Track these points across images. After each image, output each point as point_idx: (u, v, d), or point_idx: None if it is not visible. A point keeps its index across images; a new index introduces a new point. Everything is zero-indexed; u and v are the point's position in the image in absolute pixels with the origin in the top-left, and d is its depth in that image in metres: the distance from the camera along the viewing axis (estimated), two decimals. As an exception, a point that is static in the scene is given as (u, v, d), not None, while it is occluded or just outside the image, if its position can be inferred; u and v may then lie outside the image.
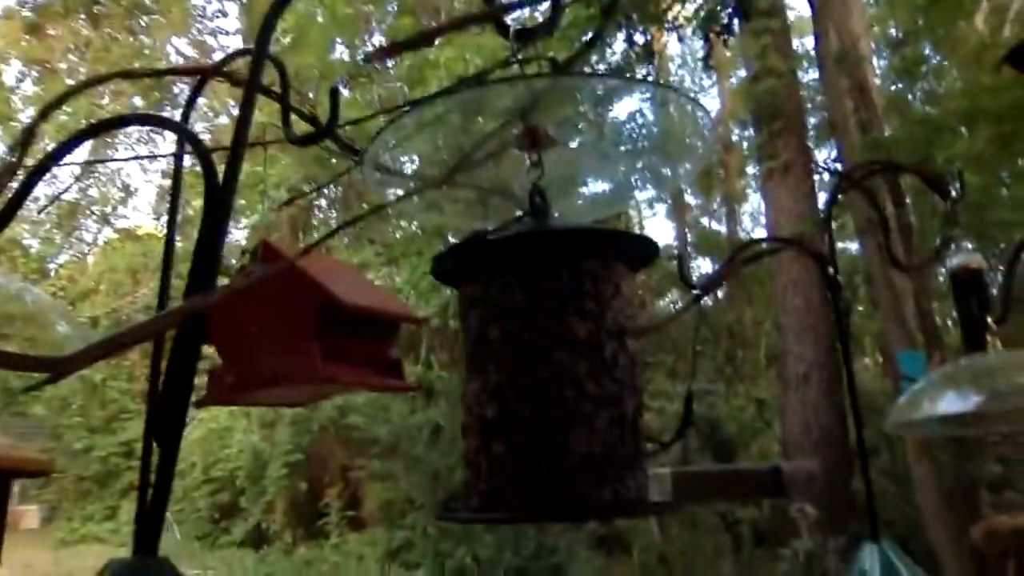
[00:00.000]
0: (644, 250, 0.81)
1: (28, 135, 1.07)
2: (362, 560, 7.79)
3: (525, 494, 0.69)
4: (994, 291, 1.51)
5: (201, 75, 1.47)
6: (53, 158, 1.03)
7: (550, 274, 0.74)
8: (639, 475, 0.73)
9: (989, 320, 1.14)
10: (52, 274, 12.19)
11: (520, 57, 0.92)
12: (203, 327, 0.92)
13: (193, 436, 8.80)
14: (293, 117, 1.27)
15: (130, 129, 12.02)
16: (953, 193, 1.65)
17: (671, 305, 10.69)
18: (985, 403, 1.02)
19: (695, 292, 1.61)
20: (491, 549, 6.75)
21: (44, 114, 1.09)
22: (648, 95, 0.89)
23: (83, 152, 12.16)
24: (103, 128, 1.07)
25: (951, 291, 1.57)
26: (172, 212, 1.46)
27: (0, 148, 12.47)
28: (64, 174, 12.22)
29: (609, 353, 0.74)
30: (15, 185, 0.99)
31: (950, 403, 1.04)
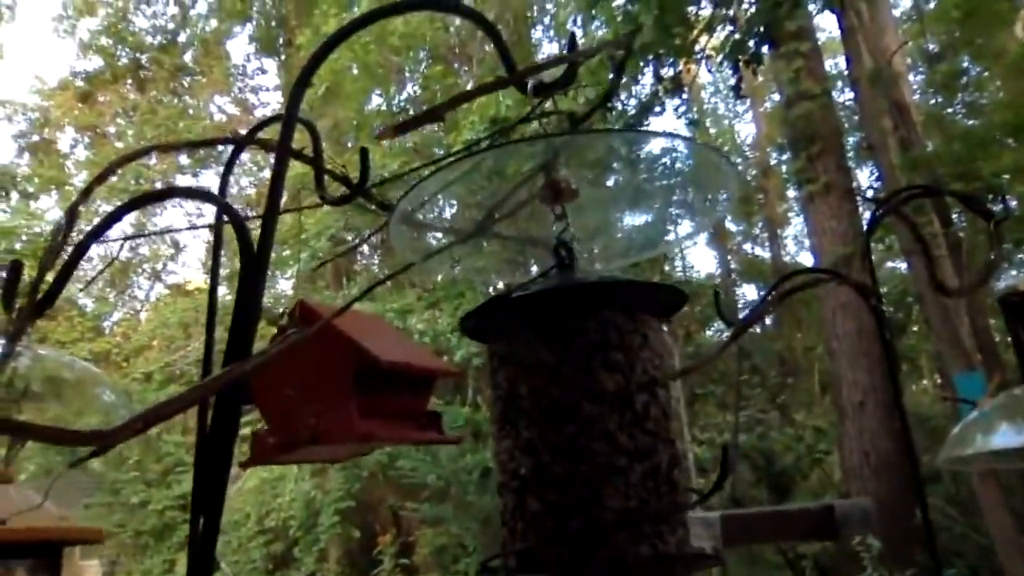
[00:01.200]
0: (671, 299, 0.80)
1: (74, 209, 1.12)
2: (417, 606, 7.72)
3: (559, 553, 0.69)
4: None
5: (235, 144, 1.52)
6: (102, 228, 1.07)
7: (574, 328, 0.74)
8: (678, 528, 0.72)
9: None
10: (107, 332, 12.55)
11: (539, 112, 0.93)
12: (243, 392, 0.94)
13: (247, 486, 8.90)
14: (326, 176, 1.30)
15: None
16: (996, 212, 1.62)
17: (718, 334, 10.52)
18: (1041, 436, 0.99)
19: (736, 327, 1.59)
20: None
21: (87, 192, 1.14)
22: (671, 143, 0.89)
23: (132, 215, 12.57)
24: (147, 201, 1.11)
25: (1003, 315, 1.53)
26: (213, 278, 1.50)
27: (56, 214, 12.96)
28: (115, 234, 12.61)
29: (640, 405, 0.73)
30: (68, 249, 1.03)
31: (1005, 437, 1.01)
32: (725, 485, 0.77)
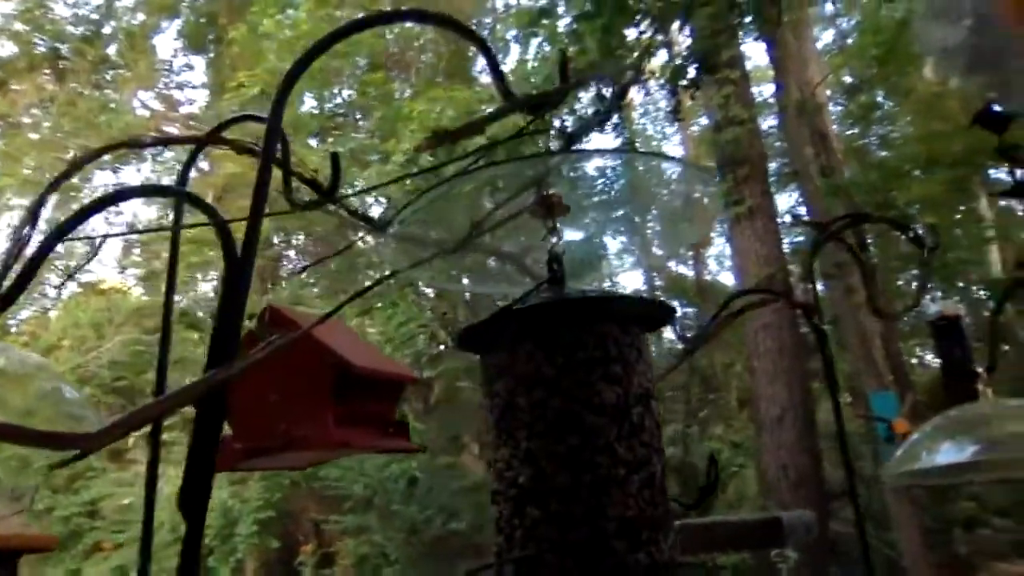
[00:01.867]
0: (660, 313, 0.83)
1: (38, 206, 1.08)
2: (336, 619, 7.58)
3: (562, 561, 0.71)
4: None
5: (197, 143, 1.50)
6: (71, 225, 1.04)
7: (575, 341, 0.76)
8: (670, 535, 0.75)
9: (979, 369, 1.18)
10: (13, 330, 11.90)
11: (532, 129, 0.96)
12: (224, 397, 0.92)
13: (163, 493, 8.56)
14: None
15: (96, 183, 11.93)
16: (928, 243, 1.72)
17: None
18: (981, 452, 1.06)
19: (687, 346, 1.64)
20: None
21: (53, 187, 1.10)
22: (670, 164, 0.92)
23: (48, 210, 11.95)
24: (112, 201, 1.08)
25: (932, 338, 1.63)
26: (171, 277, 1.46)
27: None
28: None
29: (636, 416, 0.76)
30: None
31: (948, 454, 1.08)
32: (711, 496, 0.81)
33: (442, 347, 8.98)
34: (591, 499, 0.71)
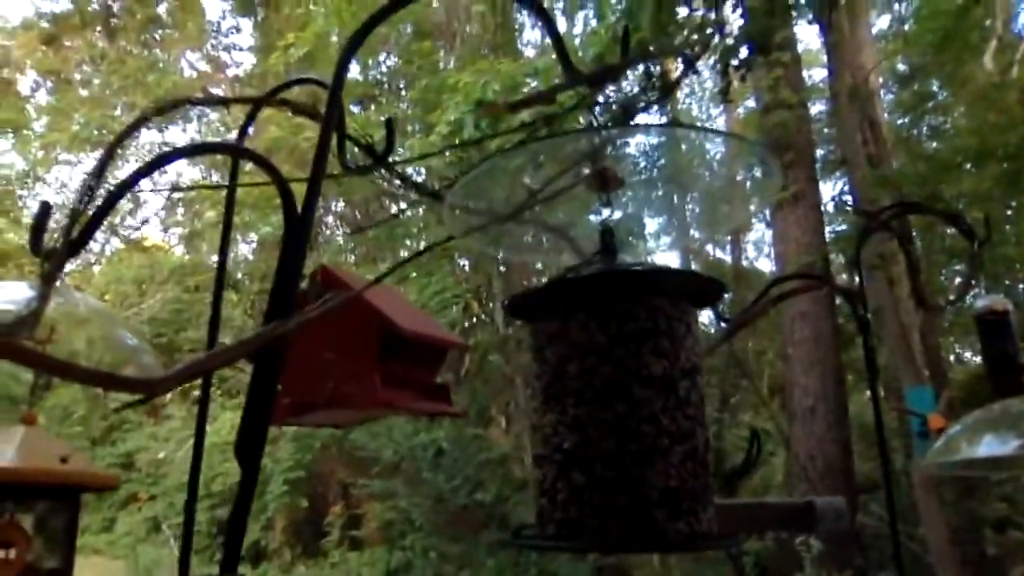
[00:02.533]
0: (711, 290, 0.84)
1: (108, 156, 1.11)
2: (360, 580, 7.74)
3: (604, 525, 0.72)
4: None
5: (256, 103, 1.52)
6: (137, 178, 1.07)
7: (627, 313, 0.78)
8: (709, 508, 0.76)
9: (1025, 364, 1.17)
10: (57, 283, 12.17)
11: (590, 101, 0.96)
12: (281, 351, 0.95)
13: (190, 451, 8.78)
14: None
15: (142, 142, 12.13)
16: (979, 236, 1.69)
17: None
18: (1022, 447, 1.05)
19: (728, 327, 1.64)
20: (491, 573, 6.73)
21: (121, 139, 1.13)
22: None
23: (90, 165, 12.20)
24: (175, 157, 1.11)
25: (979, 332, 1.61)
26: (225, 233, 1.50)
27: (13, 157, 12.54)
28: (75, 185, 12.30)
29: (683, 390, 0.77)
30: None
31: (990, 446, 1.08)
32: (752, 470, 0.82)
33: (475, 319, 9.04)
34: (635, 467, 0.72)
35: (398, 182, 1.35)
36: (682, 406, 0.76)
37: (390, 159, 1.28)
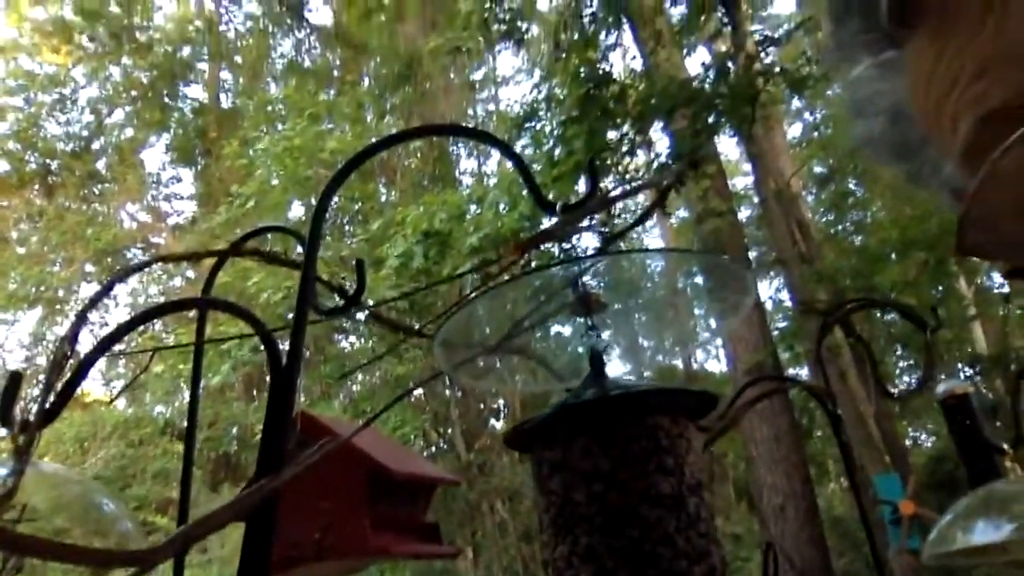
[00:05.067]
0: (705, 403, 0.86)
1: (80, 322, 1.10)
2: None
3: (634, 658, 0.70)
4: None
5: (222, 255, 1.53)
6: (111, 340, 1.06)
7: (628, 434, 0.78)
8: (734, 629, 0.75)
9: (1004, 446, 1.20)
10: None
11: (564, 230, 1.00)
12: (275, 505, 0.92)
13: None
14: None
15: (82, 294, 11.93)
16: (931, 323, 1.77)
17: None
18: (1019, 530, 1.07)
19: (708, 435, 1.65)
20: None
21: (93, 303, 1.13)
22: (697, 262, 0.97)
23: (31, 323, 11.88)
24: (168, 311, 1.11)
25: (944, 417, 1.65)
26: (195, 387, 1.47)
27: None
28: (11, 345, 11.93)
29: (692, 507, 0.77)
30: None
31: (983, 533, 1.09)
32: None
33: (434, 448, 8.85)
34: (657, 593, 0.71)
35: (372, 321, 1.36)
36: (694, 524, 0.76)
37: (363, 299, 1.29)
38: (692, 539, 0.75)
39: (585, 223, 1.16)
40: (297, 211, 8.71)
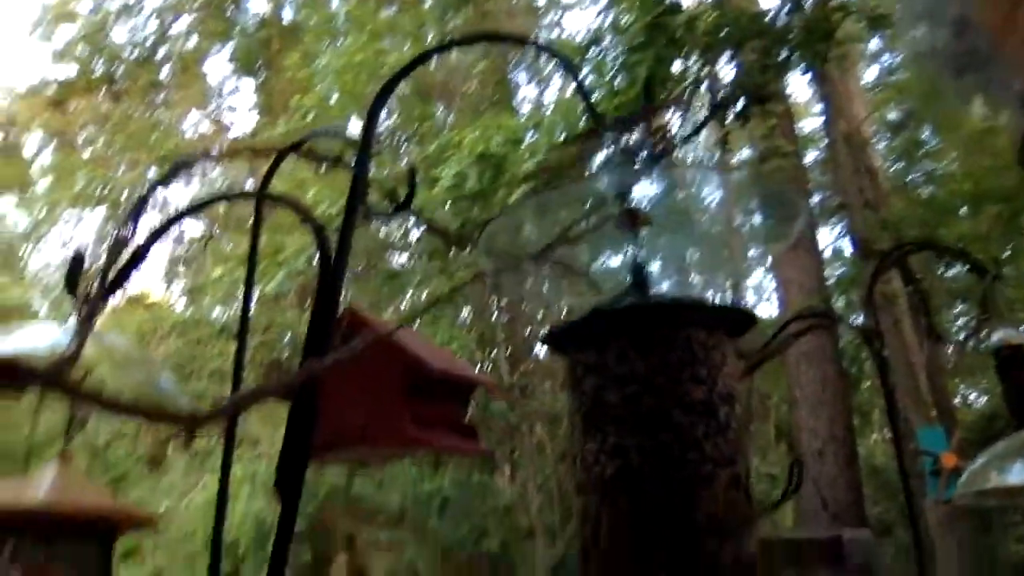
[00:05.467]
0: (744, 320, 0.86)
1: (139, 210, 1.14)
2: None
3: (652, 552, 0.73)
4: None
5: (282, 152, 1.56)
6: (168, 225, 1.10)
7: (664, 342, 0.80)
8: (753, 535, 0.77)
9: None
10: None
11: (615, 144, 1.00)
12: (317, 387, 0.97)
13: (196, 502, 8.67)
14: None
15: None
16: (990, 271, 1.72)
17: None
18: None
19: (745, 366, 1.65)
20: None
21: (152, 189, 1.17)
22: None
23: (96, 221, 12.28)
24: (210, 203, 1.15)
25: (995, 367, 1.62)
26: (249, 276, 1.52)
27: (16, 215, 12.65)
28: (77, 243, 12.38)
29: (723, 415, 0.78)
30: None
31: (1020, 474, 1.08)
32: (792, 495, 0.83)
33: (479, 367, 9.02)
34: (683, 494, 0.73)
35: (421, 227, 1.38)
36: (723, 431, 0.78)
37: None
38: (720, 445, 0.77)
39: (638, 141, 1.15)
40: (356, 127, 8.72)
